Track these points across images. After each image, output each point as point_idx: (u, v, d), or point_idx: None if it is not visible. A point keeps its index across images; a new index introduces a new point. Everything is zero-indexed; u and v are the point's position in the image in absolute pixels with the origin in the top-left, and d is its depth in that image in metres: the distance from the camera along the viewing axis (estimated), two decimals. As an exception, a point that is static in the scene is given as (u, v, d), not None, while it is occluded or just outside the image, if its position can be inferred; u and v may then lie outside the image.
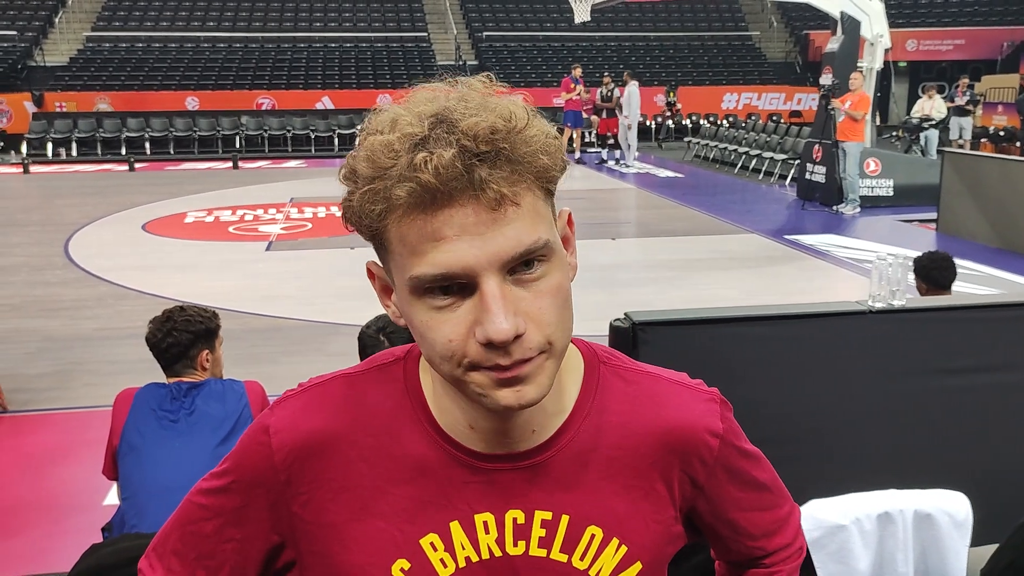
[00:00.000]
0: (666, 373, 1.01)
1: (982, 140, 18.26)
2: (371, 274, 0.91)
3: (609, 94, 18.02)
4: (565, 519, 0.92)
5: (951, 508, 2.24)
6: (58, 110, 20.26)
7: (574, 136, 17.64)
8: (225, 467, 0.97)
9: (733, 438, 1.00)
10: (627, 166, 16.88)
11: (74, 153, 18.97)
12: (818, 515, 2.20)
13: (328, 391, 0.95)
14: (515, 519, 0.91)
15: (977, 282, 7.38)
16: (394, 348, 0.98)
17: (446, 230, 0.77)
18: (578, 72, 17.48)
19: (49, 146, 18.89)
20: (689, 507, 1.00)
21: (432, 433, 0.91)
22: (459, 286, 0.79)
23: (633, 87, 16.68)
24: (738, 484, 1.02)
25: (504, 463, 0.91)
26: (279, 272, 8.43)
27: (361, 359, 2.66)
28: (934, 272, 4.03)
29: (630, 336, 2.32)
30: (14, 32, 23.34)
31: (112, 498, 3.68)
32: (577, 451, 0.92)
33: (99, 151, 19.07)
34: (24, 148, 18.47)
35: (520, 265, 0.79)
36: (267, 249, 9.62)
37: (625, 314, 2.38)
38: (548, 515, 0.92)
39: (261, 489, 0.93)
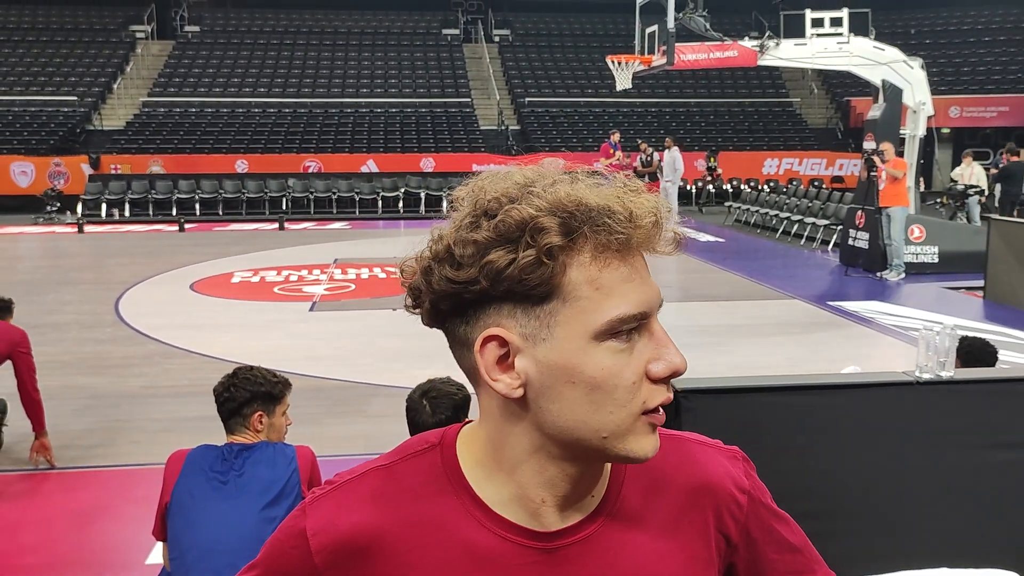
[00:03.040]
0: (688, 434, 1.03)
1: (1029, 207, 17.98)
2: (490, 342, 0.84)
3: (648, 159, 18.21)
4: None
5: (1005, 588, 2.17)
6: (113, 172, 20.92)
7: None
8: (256, 574, 0.94)
9: (760, 495, 1.02)
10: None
11: (127, 214, 19.54)
12: (866, 592, 2.15)
13: (364, 484, 0.92)
14: None
15: (1027, 352, 7.22)
16: (426, 434, 0.97)
17: (636, 272, 0.84)
18: (616, 138, 17.72)
19: (103, 207, 19.50)
20: (726, 566, 1.01)
21: (480, 516, 0.90)
22: (632, 328, 0.84)
23: (676, 151, 17.09)
24: (772, 546, 1.02)
25: (560, 540, 0.91)
26: (322, 332, 8.53)
27: (407, 423, 2.66)
28: (973, 363, 3.92)
29: (673, 404, 2.32)
30: (75, 98, 24.32)
31: (155, 557, 3.71)
32: (626, 517, 0.93)
33: (151, 212, 19.62)
34: (80, 209, 19.08)
35: None
36: (311, 309, 9.75)
37: (668, 382, 2.37)
38: None
39: None
